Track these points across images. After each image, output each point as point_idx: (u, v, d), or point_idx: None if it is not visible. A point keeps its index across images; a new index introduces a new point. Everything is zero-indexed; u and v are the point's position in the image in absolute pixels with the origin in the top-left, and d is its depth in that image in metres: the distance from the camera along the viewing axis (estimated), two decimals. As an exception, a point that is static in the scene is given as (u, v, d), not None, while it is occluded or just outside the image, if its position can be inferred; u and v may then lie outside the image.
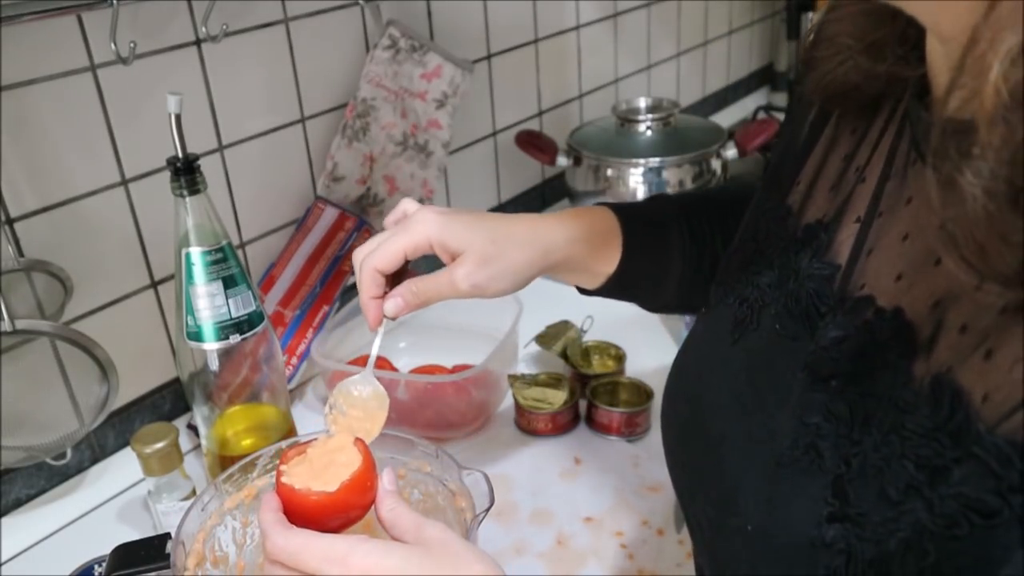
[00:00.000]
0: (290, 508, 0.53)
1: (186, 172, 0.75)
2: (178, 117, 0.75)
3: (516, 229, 0.62)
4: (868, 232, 0.46)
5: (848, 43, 0.48)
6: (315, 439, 0.59)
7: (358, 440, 0.58)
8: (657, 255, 0.68)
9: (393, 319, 0.63)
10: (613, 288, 0.68)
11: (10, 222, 0.83)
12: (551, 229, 0.63)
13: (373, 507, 0.54)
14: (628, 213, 0.68)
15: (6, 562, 0.83)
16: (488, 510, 0.60)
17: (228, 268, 0.78)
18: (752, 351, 0.51)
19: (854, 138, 0.51)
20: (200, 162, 0.76)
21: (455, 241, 0.60)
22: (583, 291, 0.70)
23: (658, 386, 0.95)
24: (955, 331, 0.37)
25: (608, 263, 0.66)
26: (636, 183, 1.28)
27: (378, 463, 0.57)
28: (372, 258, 0.61)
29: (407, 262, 0.63)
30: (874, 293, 0.43)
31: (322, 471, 0.55)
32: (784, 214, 0.54)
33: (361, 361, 1.01)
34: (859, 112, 0.50)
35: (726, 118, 1.94)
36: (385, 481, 0.55)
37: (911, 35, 0.45)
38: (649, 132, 1.34)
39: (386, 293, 0.63)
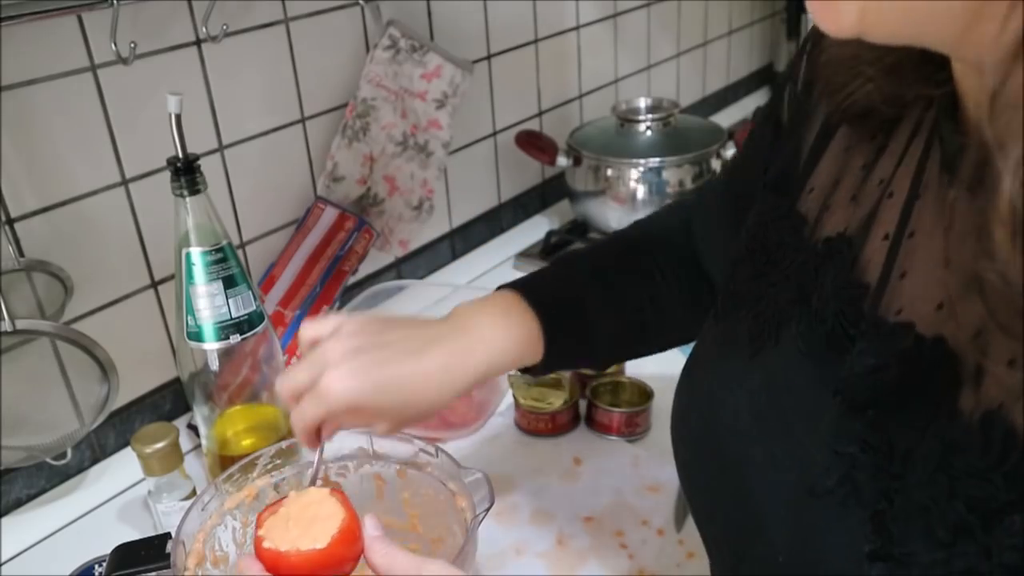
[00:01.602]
0: (278, 572, 0.51)
1: (186, 172, 0.75)
2: (178, 117, 0.75)
3: (430, 382, 0.59)
4: (898, 252, 0.44)
5: (864, 65, 0.46)
6: (287, 496, 0.57)
7: (335, 490, 0.56)
8: (580, 337, 0.67)
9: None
10: (542, 371, 0.67)
11: (10, 222, 0.83)
12: (466, 365, 0.61)
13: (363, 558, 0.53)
14: (541, 299, 0.65)
15: (6, 562, 0.83)
16: (488, 510, 0.60)
17: (228, 268, 0.78)
18: (772, 370, 0.49)
19: (872, 147, 0.49)
20: (200, 162, 0.76)
21: (371, 407, 0.58)
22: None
23: (658, 386, 0.95)
24: (1003, 365, 0.36)
25: (531, 358, 0.65)
26: (636, 183, 1.29)
27: (377, 469, 0.57)
28: (297, 428, 0.59)
29: None
30: (913, 319, 0.41)
31: (305, 528, 0.53)
32: (798, 223, 0.52)
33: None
34: (879, 125, 0.49)
35: (726, 118, 1.94)
36: (370, 527, 0.53)
37: (932, 54, 0.43)
38: (649, 132, 1.34)
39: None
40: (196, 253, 0.77)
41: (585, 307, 0.67)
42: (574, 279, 0.69)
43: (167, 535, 0.65)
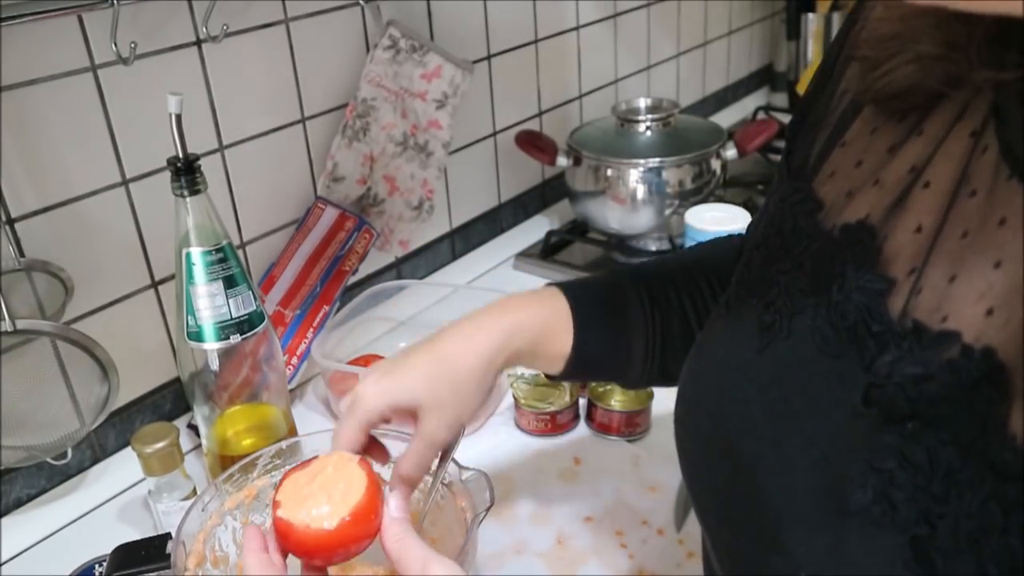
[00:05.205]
0: (288, 543, 0.51)
1: (186, 172, 0.75)
2: (178, 117, 0.75)
3: (452, 356, 0.60)
4: (934, 248, 0.40)
5: (908, 43, 0.42)
6: (314, 458, 0.57)
7: (362, 459, 0.56)
8: (614, 330, 0.65)
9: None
10: (576, 370, 0.65)
11: (11, 222, 0.83)
12: (487, 337, 0.61)
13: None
14: (578, 291, 0.65)
15: (6, 562, 0.83)
16: (488, 510, 0.60)
17: (228, 268, 0.78)
18: (784, 364, 0.46)
19: (902, 128, 0.44)
20: (200, 162, 0.76)
21: (406, 400, 0.58)
22: (549, 376, 0.67)
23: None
24: None
25: (561, 346, 0.63)
26: (636, 183, 1.28)
27: (377, 469, 0.57)
28: (337, 444, 0.59)
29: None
30: (960, 328, 0.37)
31: (324, 496, 0.52)
32: (814, 207, 0.48)
33: (361, 361, 1.01)
34: (912, 106, 0.44)
35: (726, 118, 1.94)
36: (392, 507, 0.52)
37: (998, 35, 0.39)
38: (649, 132, 1.34)
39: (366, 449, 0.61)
40: (196, 253, 0.77)
41: (625, 311, 0.65)
42: (615, 280, 0.68)
43: (167, 535, 0.65)
